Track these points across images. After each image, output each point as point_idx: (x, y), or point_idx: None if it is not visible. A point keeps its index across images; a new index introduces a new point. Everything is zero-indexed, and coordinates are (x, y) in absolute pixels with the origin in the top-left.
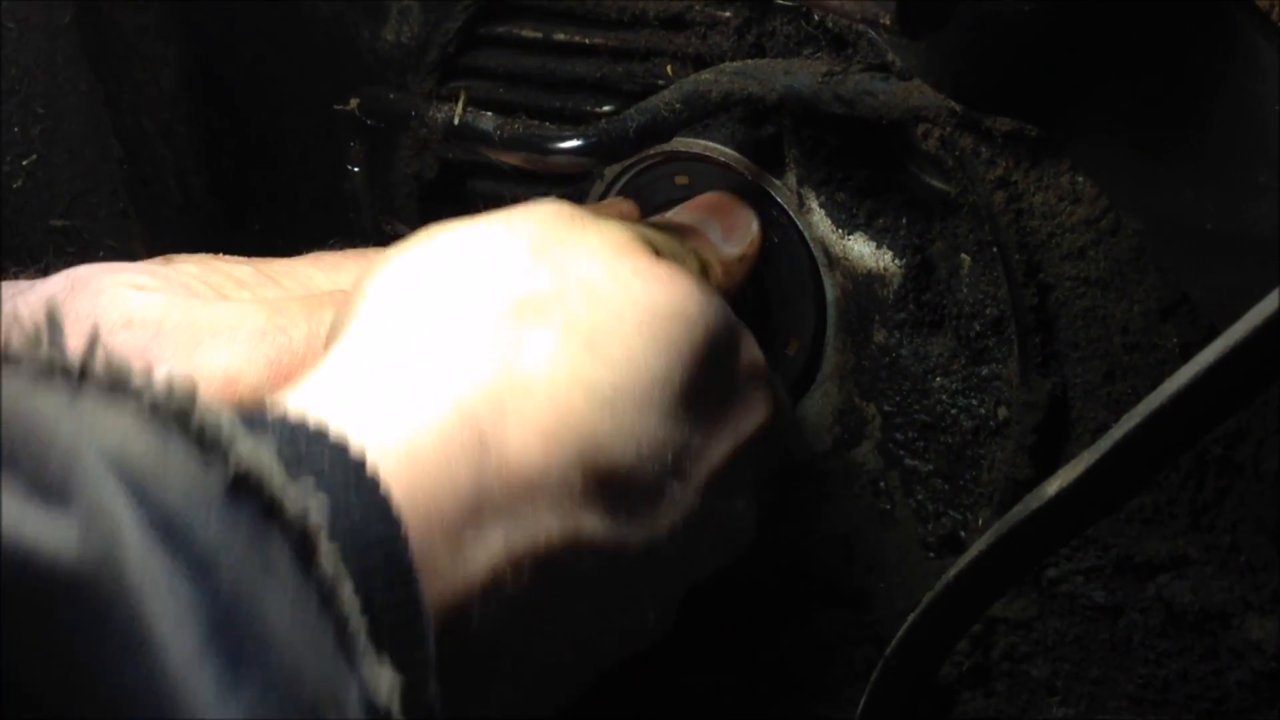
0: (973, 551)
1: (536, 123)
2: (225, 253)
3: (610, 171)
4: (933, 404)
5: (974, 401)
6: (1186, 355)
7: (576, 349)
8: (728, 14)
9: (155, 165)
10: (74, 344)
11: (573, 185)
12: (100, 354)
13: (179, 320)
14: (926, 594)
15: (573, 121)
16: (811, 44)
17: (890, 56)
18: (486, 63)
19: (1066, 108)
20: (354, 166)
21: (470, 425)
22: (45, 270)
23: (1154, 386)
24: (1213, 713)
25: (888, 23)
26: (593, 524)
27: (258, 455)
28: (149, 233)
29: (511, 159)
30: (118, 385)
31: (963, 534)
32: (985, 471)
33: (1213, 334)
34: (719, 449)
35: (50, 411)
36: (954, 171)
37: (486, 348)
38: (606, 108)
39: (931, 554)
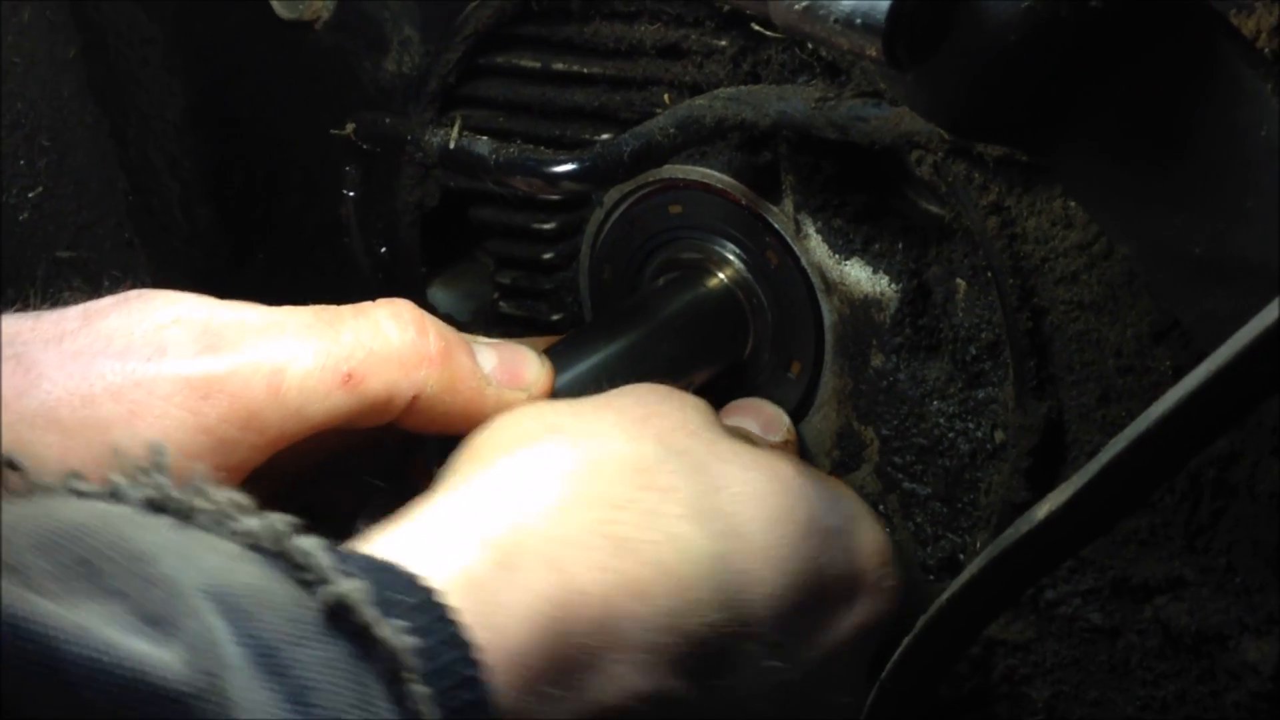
0: (965, 575)
1: (531, 147)
2: (230, 282)
3: (609, 199)
4: (930, 427)
5: (971, 425)
6: (1180, 377)
7: (680, 515)
8: (723, 43)
9: (161, 196)
10: (122, 338)
11: (572, 211)
12: (201, 488)
13: (227, 318)
14: (920, 617)
15: (572, 149)
16: (806, 71)
17: (880, 82)
18: (486, 92)
19: (1054, 135)
20: (349, 191)
21: (561, 581)
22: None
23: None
24: None
25: (875, 54)
26: (676, 687)
27: (352, 588)
28: (154, 263)
29: (507, 183)
30: (220, 519)
31: (962, 556)
32: (983, 494)
33: (1205, 357)
34: (829, 634)
35: (155, 544)
36: (947, 197)
37: (585, 504)
38: (605, 135)
39: (931, 576)
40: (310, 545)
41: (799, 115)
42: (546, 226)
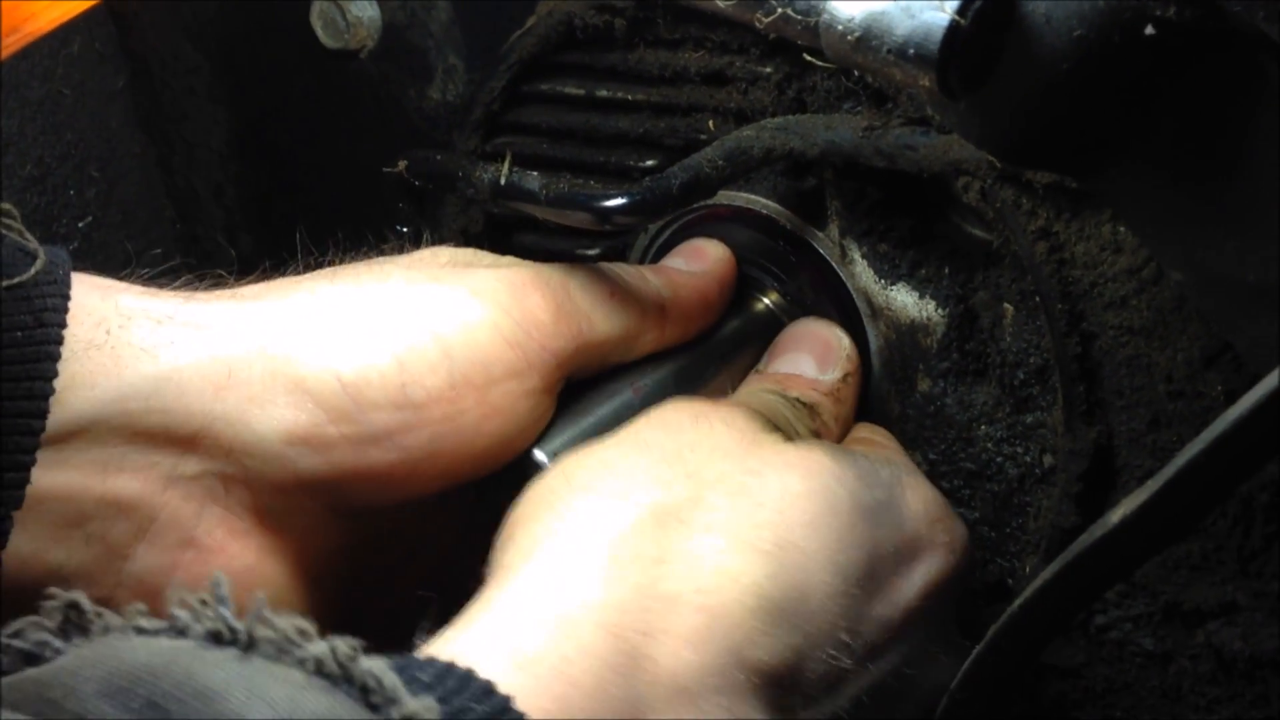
0: (1039, 580)
1: (581, 181)
2: None
3: (653, 225)
4: (978, 452)
5: (1019, 449)
6: (1231, 402)
7: (723, 549)
8: (768, 69)
9: (205, 223)
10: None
11: (618, 238)
12: (264, 616)
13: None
14: (992, 625)
15: (617, 175)
16: (852, 98)
17: (930, 110)
18: (531, 119)
19: (1105, 163)
20: (403, 227)
21: (620, 646)
22: None
23: (1199, 434)
24: None
25: (928, 85)
26: (763, 715)
27: (421, 707)
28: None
29: (557, 217)
30: (284, 647)
31: (1010, 581)
32: (1032, 519)
33: (1257, 382)
34: (897, 607)
35: (221, 679)
36: (995, 223)
37: (627, 566)
38: (650, 162)
39: (980, 600)
40: (376, 666)
41: (847, 144)
42: (590, 252)
